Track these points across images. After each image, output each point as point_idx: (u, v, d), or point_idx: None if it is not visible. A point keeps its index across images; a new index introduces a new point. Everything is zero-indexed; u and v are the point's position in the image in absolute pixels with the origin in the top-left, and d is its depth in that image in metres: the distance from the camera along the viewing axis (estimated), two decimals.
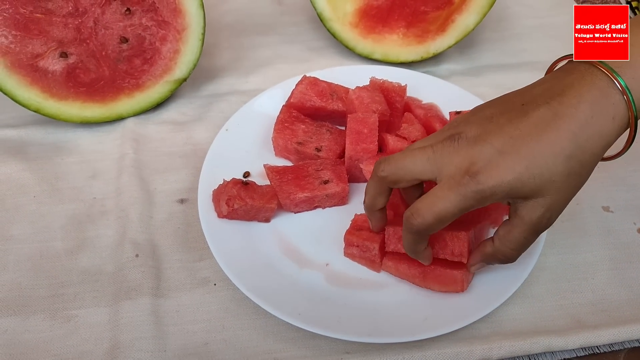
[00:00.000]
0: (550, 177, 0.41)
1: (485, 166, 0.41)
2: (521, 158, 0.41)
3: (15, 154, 0.63)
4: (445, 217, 0.43)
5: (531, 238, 0.45)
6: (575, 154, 0.41)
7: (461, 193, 0.42)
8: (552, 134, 0.41)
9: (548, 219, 0.44)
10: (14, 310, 0.52)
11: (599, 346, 0.50)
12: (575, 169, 0.42)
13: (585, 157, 0.42)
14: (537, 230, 0.44)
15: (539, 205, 0.43)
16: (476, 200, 0.42)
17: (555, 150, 0.41)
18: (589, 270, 0.55)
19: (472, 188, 0.42)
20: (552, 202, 0.43)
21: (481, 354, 0.48)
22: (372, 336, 0.47)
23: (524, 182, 0.41)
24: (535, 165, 0.41)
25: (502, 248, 0.46)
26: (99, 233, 0.57)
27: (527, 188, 0.42)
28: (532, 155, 0.41)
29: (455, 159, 0.43)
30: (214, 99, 0.70)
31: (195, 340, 0.50)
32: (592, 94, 0.41)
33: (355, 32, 0.72)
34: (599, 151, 0.43)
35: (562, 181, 0.42)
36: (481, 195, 0.42)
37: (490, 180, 0.41)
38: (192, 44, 0.65)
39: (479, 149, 0.42)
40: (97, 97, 0.64)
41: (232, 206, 0.54)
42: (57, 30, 0.61)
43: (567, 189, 0.43)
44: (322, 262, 0.54)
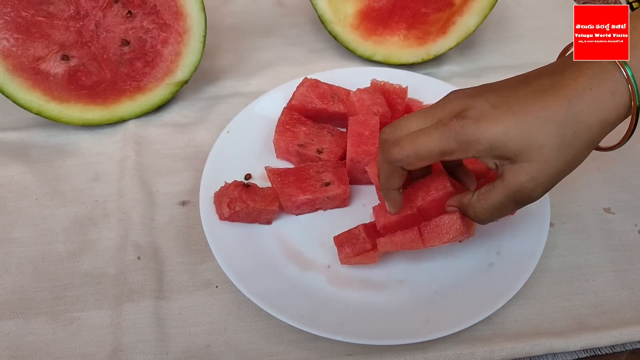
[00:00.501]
0: (539, 140, 0.41)
1: (474, 114, 0.42)
2: (512, 113, 0.41)
3: (17, 156, 0.63)
4: (423, 153, 0.43)
5: (507, 204, 0.44)
6: (568, 121, 0.41)
7: (445, 133, 0.42)
8: (548, 98, 0.41)
9: (531, 190, 0.43)
10: (16, 313, 0.52)
11: (601, 348, 0.50)
12: (568, 138, 0.41)
13: (579, 128, 0.41)
14: (516, 197, 0.43)
15: (524, 171, 0.42)
16: (458, 144, 0.42)
17: (547, 114, 0.41)
18: (591, 272, 0.55)
19: (456, 129, 0.41)
20: (538, 171, 0.42)
21: (482, 355, 0.48)
22: (374, 338, 0.47)
23: (510, 138, 0.41)
24: (525, 123, 0.41)
25: (477, 204, 0.46)
26: (101, 235, 0.57)
27: (513, 145, 0.41)
28: (523, 113, 0.41)
29: (448, 107, 0.43)
30: (216, 101, 0.70)
31: (197, 343, 0.50)
32: (592, 69, 0.41)
33: (356, 34, 0.72)
34: (595, 125, 0.41)
35: (552, 148, 0.41)
36: (464, 138, 0.41)
37: (476, 126, 0.41)
38: (194, 47, 0.65)
39: (472, 101, 0.42)
40: (98, 100, 0.64)
41: (233, 208, 0.54)
42: (59, 33, 0.61)
43: (557, 160, 0.42)
44: (324, 264, 0.54)
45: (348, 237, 0.53)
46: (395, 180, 0.47)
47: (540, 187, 0.43)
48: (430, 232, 0.49)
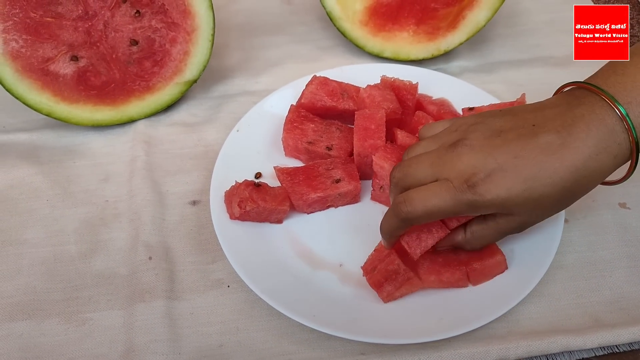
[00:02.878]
0: (542, 204, 0.44)
1: (484, 179, 0.43)
2: (521, 180, 0.43)
3: (28, 157, 0.63)
4: (435, 213, 0.45)
5: (499, 238, 0.49)
6: (572, 187, 0.43)
7: (457, 198, 0.44)
8: (556, 163, 0.43)
9: (521, 229, 0.48)
10: (28, 314, 0.52)
11: (618, 345, 0.49)
12: (566, 199, 0.45)
13: (579, 190, 0.44)
14: (507, 234, 0.48)
15: (519, 219, 0.46)
16: (468, 208, 0.44)
17: (554, 180, 0.43)
18: (607, 267, 0.54)
19: (468, 197, 0.43)
20: (531, 219, 0.46)
21: (498, 354, 0.48)
22: (388, 337, 0.47)
23: (517, 203, 0.44)
24: (532, 189, 0.43)
25: (473, 241, 0.49)
26: (112, 236, 0.57)
27: (517, 207, 0.44)
28: (532, 180, 0.43)
29: (457, 164, 0.44)
30: (225, 100, 0.69)
31: (210, 343, 0.50)
32: (600, 130, 0.43)
33: (365, 30, 0.72)
34: (593, 186, 0.45)
35: (549, 206, 0.45)
36: (475, 205, 0.44)
37: (487, 194, 0.43)
38: (202, 45, 0.65)
39: (482, 161, 0.44)
40: (107, 100, 0.64)
41: (244, 208, 0.53)
42: (67, 33, 0.61)
43: (550, 212, 0.46)
44: (336, 263, 0.54)
45: (386, 275, 0.50)
46: (401, 231, 0.48)
47: (528, 227, 0.48)
48: (479, 275, 0.50)
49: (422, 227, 0.48)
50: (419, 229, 0.49)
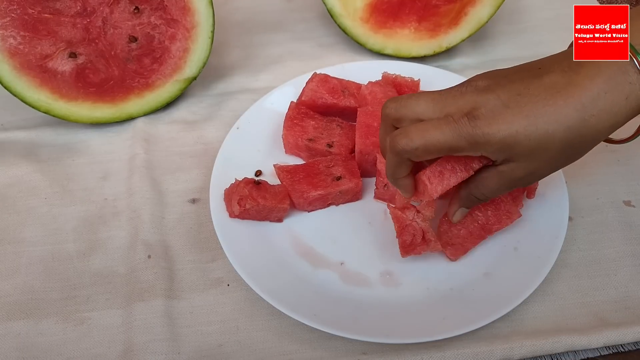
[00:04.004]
0: (546, 144, 0.41)
1: (485, 114, 0.41)
2: (523, 116, 0.40)
3: (26, 155, 0.63)
4: (432, 146, 0.42)
5: (503, 189, 0.46)
6: (578, 126, 0.40)
7: (456, 131, 0.41)
8: (561, 101, 0.40)
9: (527, 181, 0.44)
10: (26, 313, 0.51)
11: (624, 345, 0.49)
12: (574, 142, 0.41)
13: (587, 132, 0.41)
14: (511, 185, 0.45)
15: (522, 169, 0.43)
16: (468, 143, 0.42)
17: (559, 118, 0.40)
18: (612, 266, 0.53)
19: (467, 130, 0.41)
20: (537, 169, 0.43)
21: (502, 354, 0.47)
22: (390, 337, 0.46)
23: (518, 141, 0.41)
24: (534, 126, 0.40)
25: (475, 191, 0.47)
26: (111, 234, 0.57)
27: (519, 147, 0.41)
28: (534, 116, 0.40)
29: (459, 101, 0.43)
30: (225, 98, 0.69)
31: (210, 342, 0.49)
32: (610, 68, 0.40)
33: (366, 27, 0.71)
34: (605, 130, 0.41)
35: (555, 151, 0.41)
36: (474, 139, 0.41)
37: (487, 128, 0.41)
38: (202, 42, 0.64)
39: (484, 97, 0.42)
40: (107, 98, 0.64)
41: (244, 206, 0.53)
42: (66, 30, 0.60)
43: (558, 160, 0.43)
44: (337, 262, 0.53)
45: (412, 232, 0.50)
46: (402, 170, 0.46)
47: (537, 179, 0.45)
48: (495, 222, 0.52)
49: (446, 164, 0.46)
50: (443, 165, 0.46)
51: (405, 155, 0.44)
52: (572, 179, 0.59)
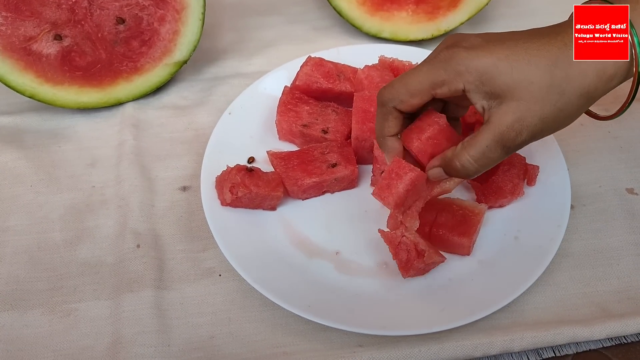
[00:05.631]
0: (529, 76, 0.40)
1: (466, 45, 0.41)
2: (504, 47, 0.40)
3: (11, 141, 0.61)
4: (414, 86, 0.42)
5: (494, 149, 0.42)
6: (562, 62, 0.40)
7: (434, 64, 0.42)
8: (544, 40, 0.40)
9: (517, 132, 0.41)
10: (11, 304, 0.50)
11: (626, 336, 0.48)
12: (559, 80, 0.40)
13: (572, 72, 0.40)
14: (502, 141, 0.41)
15: (511, 111, 0.40)
16: (447, 72, 0.41)
17: (541, 52, 0.40)
18: (614, 255, 0.52)
19: (446, 58, 0.41)
20: (525, 112, 0.40)
21: (502, 345, 0.46)
22: (386, 328, 0.45)
23: (500, 71, 0.40)
24: (516, 57, 0.40)
25: (462, 152, 0.43)
26: (99, 223, 0.55)
27: (502, 79, 0.40)
28: (515, 48, 0.40)
29: (440, 46, 0.43)
30: (216, 82, 0.67)
31: (201, 334, 0.48)
32: None
33: (362, 10, 0.69)
34: (591, 73, 0.40)
35: (541, 87, 0.40)
36: (453, 66, 0.41)
37: (466, 54, 0.40)
38: (192, 25, 0.62)
39: (467, 36, 0.42)
40: (94, 82, 0.62)
41: (235, 194, 0.51)
42: (50, 11, 0.58)
43: (545, 102, 0.40)
44: (332, 251, 0.52)
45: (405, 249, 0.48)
46: (390, 124, 0.45)
47: (527, 130, 0.41)
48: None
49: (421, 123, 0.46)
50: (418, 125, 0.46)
51: (390, 104, 0.44)
52: (574, 166, 0.57)
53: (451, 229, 0.50)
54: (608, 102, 0.49)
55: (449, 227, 0.50)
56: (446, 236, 0.50)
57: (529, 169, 0.54)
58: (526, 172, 0.54)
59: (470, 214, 0.50)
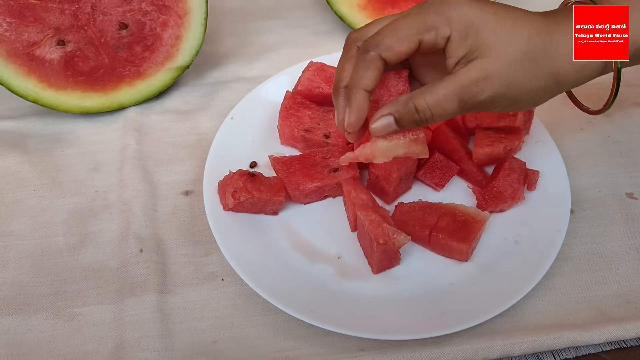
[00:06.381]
0: (510, 38, 0.40)
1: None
2: (496, 5, 0.41)
3: (14, 146, 0.61)
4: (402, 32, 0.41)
5: (451, 100, 0.41)
6: (543, 35, 0.41)
7: (424, 9, 0.41)
8: (530, 13, 0.41)
9: (479, 89, 0.40)
10: (15, 309, 0.50)
11: (626, 340, 0.48)
12: (536, 51, 0.40)
13: (550, 48, 0.41)
14: (461, 93, 0.40)
15: (480, 66, 0.40)
16: (437, 15, 0.41)
17: (528, 20, 0.41)
18: (614, 260, 0.52)
19: (436, 5, 0.41)
20: (494, 70, 0.40)
21: (502, 350, 0.46)
22: (388, 333, 0.45)
23: (486, 23, 0.40)
24: (503, 16, 0.40)
25: (418, 96, 0.41)
26: (102, 227, 0.55)
27: (486, 32, 0.40)
28: (504, 10, 0.41)
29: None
30: (218, 87, 0.67)
31: (203, 339, 0.48)
32: None
33: (363, 14, 0.70)
34: (564, 59, 0.41)
35: (516, 51, 0.40)
36: (444, 11, 0.41)
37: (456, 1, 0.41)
38: (195, 30, 0.63)
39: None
40: (97, 86, 0.62)
41: (238, 199, 0.52)
42: (54, 16, 0.59)
43: (516, 67, 0.40)
44: (334, 255, 0.52)
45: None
46: (370, 75, 0.42)
47: (490, 90, 0.40)
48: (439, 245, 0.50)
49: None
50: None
51: (376, 50, 0.41)
52: (574, 171, 0.58)
53: (451, 233, 0.50)
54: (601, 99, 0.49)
55: (449, 231, 0.50)
56: (445, 240, 0.50)
57: (529, 173, 0.54)
58: (526, 177, 0.54)
59: (472, 221, 0.51)
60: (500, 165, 0.54)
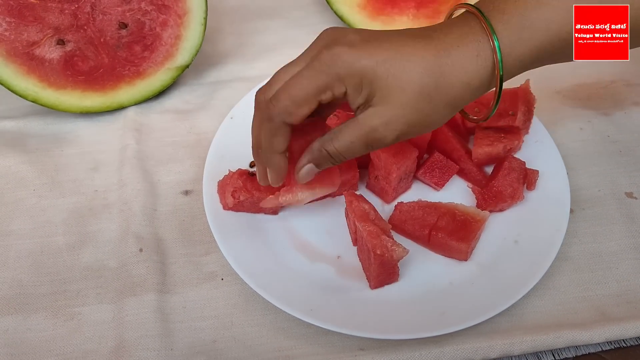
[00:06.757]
0: (402, 85, 0.41)
1: (346, 42, 0.41)
2: (383, 49, 0.41)
3: (14, 146, 0.61)
4: (299, 96, 0.41)
5: (358, 145, 0.43)
6: (433, 71, 0.41)
7: (316, 68, 0.41)
8: (418, 44, 0.41)
9: (383, 134, 0.42)
10: (14, 308, 0.50)
11: (625, 340, 0.48)
12: (429, 89, 0.41)
13: (442, 82, 0.41)
14: (366, 139, 0.43)
15: (379, 114, 0.42)
16: (330, 76, 0.41)
17: (416, 58, 0.41)
18: (613, 259, 0.52)
19: (327, 61, 0.40)
20: (393, 117, 0.42)
21: (502, 349, 0.46)
22: (388, 332, 0.45)
23: (378, 75, 0.40)
24: (394, 61, 0.41)
25: (328, 143, 0.44)
26: (102, 227, 0.55)
27: (378, 83, 0.41)
28: (394, 51, 0.41)
29: (318, 44, 0.43)
30: (218, 86, 0.67)
31: (203, 338, 0.48)
32: (461, 29, 0.42)
33: (363, 14, 0.70)
34: (458, 85, 0.42)
35: (411, 94, 0.41)
36: (333, 69, 0.40)
37: (347, 55, 0.40)
38: (194, 29, 0.63)
39: (343, 32, 0.42)
40: (96, 86, 0.62)
41: (237, 198, 0.51)
42: (53, 16, 0.59)
43: (413, 109, 0.42)
44: (334, 255, 0.52)
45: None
46: (280, 140, 0.44)
47: (392, 134, 0.42)
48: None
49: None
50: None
51: (279, 118, 0.42)
52: (573, 170, 0.58)
53: (450, 233, 0.50)
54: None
55: (449, 231, 0.50)
56: (445, 240, 0.50)
57: (529, 173, 0.54)
58: (526, 177, 0.54)
59: (471, 220, 0.51)
60: (499, 164, 0.54)
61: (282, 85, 0.42)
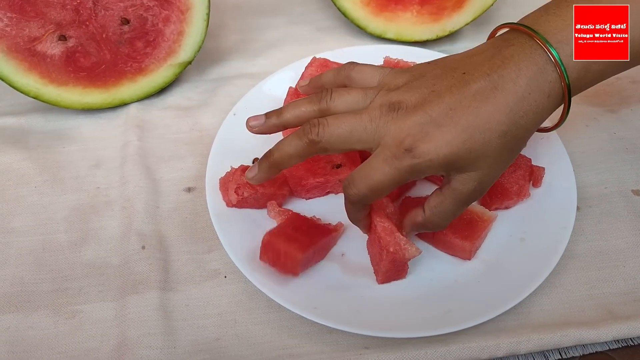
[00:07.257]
0: (485, 152, 0.42)
1: (422, 139, 0.41)
2: (459, 132, 0.41)
3: (15, 142, 0.61)
4: (379, 189, 0.43)
5: (462, 208, 0.45)
6: (510, 129, 0.42)
7: (396, 166, 0.42)
8: (491, 108, 0.41)
9: (480, 191, 0.44)
10: (16, 306, 0.50)
11: (633, 338, 0.48)
12: (510, 144, 0.43)
13: (519, 133, 0.42)
14: (468, 201, 0.45)
15: (472, 180, 0.43)
16: (411, 174, 0.42)
17: (492, 126, 0.41)
18: (620, 257, 0.52)
19: (407, 162, 0.42)
20: (484, 176, 0.43)
21: (508, 348, 0.46)
22: (392, 330, 0.45)
23: (459, 156, 0.42)
24: (472, 139, 0.41)
25: (433, 218, 0.46)
26: (104, 224, 0.55)
27: (462, 162, 0.42)
28: (470, 129, 0.41)
29: (392, 129, 0.43)
30: (221, 83, 0.67)
31: (206, 336, 0.48)
32: (530, 69, 0.42)
33: (366, 10, 0.69)
34: (533, 127, 0.43)
35: (495, 156, 0.43)
36: (416, 169, 0.42)
37: (426, 155, 0.41)
38: (197, 25, 0.62)
39: (417, 119, 0.42)
40: (98, 82, 0.61)
41: (241, 195, 0.51)
42: (55, 11, 0.58)
43: (500, 163, 0.44)
44: (338, 252, 0.52)
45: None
46: (362, 213, 0.47)
47: (487, 186, 0.45)
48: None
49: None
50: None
51: (359, 204, 0.45)
52: (580, 168, 0.57)
53: (455, 230, 0.50)
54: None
55: (453, 228, 0.50)
56: (448, 237, 0.50)
57: (535, 170, 0.54)
58: (532, 174, 0.53)
59: (477, 219, 0.50)
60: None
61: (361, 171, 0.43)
